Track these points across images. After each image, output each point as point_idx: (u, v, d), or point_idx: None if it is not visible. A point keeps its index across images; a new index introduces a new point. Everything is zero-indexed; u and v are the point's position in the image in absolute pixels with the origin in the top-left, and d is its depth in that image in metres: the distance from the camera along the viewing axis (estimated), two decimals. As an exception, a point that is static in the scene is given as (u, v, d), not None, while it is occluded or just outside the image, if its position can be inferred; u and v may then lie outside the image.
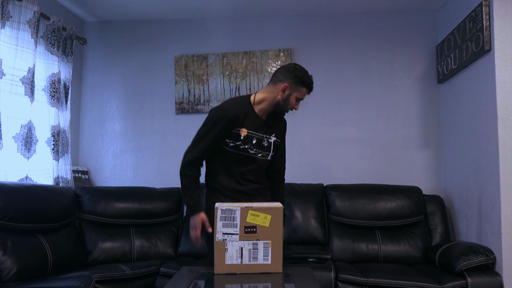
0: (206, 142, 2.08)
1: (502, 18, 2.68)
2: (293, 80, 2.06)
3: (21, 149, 2.87)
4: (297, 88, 2.08)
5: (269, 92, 2.11)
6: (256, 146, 2.12)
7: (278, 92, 2.08)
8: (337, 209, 3.22)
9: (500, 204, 2.60)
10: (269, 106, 2.12)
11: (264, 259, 1.83)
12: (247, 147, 2.09)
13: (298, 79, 2.06)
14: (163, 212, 3.27)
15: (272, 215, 1.84)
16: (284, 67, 2.11)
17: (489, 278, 2.54)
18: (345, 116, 3.66)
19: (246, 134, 2.08)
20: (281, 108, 2.12)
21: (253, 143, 2.11)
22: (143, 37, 3.87)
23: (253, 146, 2.11)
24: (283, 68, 2.12)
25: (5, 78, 2.72)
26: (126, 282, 2.65)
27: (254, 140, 2.10)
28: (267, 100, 2.11)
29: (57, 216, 2.80)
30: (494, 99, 2.68)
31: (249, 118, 2.09)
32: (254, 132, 2.10)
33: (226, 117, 2.04)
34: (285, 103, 2.10)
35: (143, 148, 3.80)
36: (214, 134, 2.05)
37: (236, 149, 2.09)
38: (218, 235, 1.82)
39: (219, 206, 1.84)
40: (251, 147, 2.11)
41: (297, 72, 2.06)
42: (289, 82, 2.07)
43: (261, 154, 2.14)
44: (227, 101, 2.18)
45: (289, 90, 2.07)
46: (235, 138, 2.07)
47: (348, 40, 3.72)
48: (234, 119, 2.05)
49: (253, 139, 2.10)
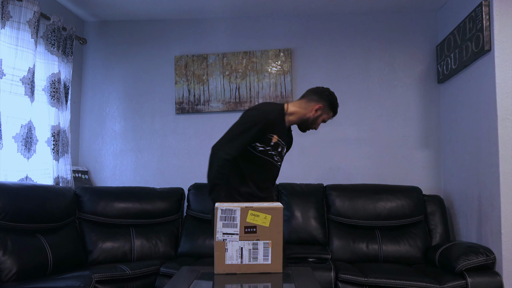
0: (242, 140, 2.08)
1: (502, 18, 2.68)
2: (327, 103, 2.21)
3: (21, 149, 2.87)
4: (327, 112, 2.24)
5: (302, 108, 2.21)
6: (279, 154, 2.19)
7: (311, 110, 2.20)
8: (337, 209, 3.22)
9: (500, 204, 2.60)
10: (297, 120, 2.22)
11: (264, 259, 1.83)
12: (274, 153, 2.15)
13: (331, 104, 2.22)
14: (163, 212, 3.27)
15: (272, 215, 1.84)
16: (319, 89, 2.25)
17: (489, 278, 2.54)
18: (345, 116, 3.66)
19: (276, 141, 2.14)
20: (307, 125, 2.25)
21: (278, 150, 2.17)
22: (143, 37, 3.87)
23: (277, 153, 2.17)
24: (318, 89, 2.25)
25: (5, 78, 2.72)
26: (126, 282, 2.65)
27: (279, 148, 2.17)
28: (297, 114, 2.21)
29: (57, 216, 2.80)
30: (494, 99, 2.68)
31: (280, 126, 2.16)
32: (281, 140, 2.17)
33: (267, 120, 2.08)
34: (313, 122, 2.23)
35: (143, 148, 3.80)
36: (251, 134, 2.06)
37: (264, 154, 2.12)
38: (218, 235, 1.82)
39: (219, 206, 1.84)
40: (276, 155, 2.17)
41: (331, 97, 2.23)
42: (323, 104, 2.21)
43: (280, 163, 2.23)
44: (266, 104, 2.23)
45: (321, 111, 2.21)
46: (266, 143, 2.11)
47: (348, 40, 3.72)
48: (272, 124, 2.10)
49: (279, 147, 2.16)
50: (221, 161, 2.05)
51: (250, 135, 2.06)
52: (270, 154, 2.13)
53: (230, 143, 2.07)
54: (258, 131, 2.07)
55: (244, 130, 2.07)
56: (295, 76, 3.72)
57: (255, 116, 2.09)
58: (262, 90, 3.69)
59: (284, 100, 3.66)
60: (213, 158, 2.08)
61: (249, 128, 2.06)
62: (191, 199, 3.36)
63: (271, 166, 2.18)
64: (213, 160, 2.07)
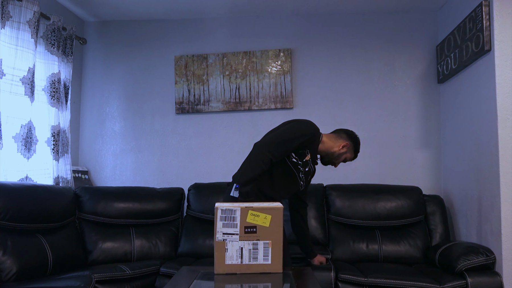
0: (288, 147, 2.16)
1: (502, 18, 2.68)
2: (353, 144, 2.38)
3: (21, 149, 2.87)
4: (351, 152, 2.39)
5: (331, 141, 2.36)
6: (305, 173, 2.29)
7: (339, 146, 2.34)
8: (337, 209, 3.22)
9: (500, 204, 2.60)
10: (324, 150, 2.33)
11: (264, 259, 1.83)
12: (301, 170, 2.24)
13: (356, 146, 2.39)
14: (163, 212, 3.27)
15: (272, 215, 1.84)
16: (348, 130, 2.43)
17: (489, 278, 2.54)
18: (345, 116, 3.66)
19: (308, 159, 2.24)
20: (330, 158, 2.36)
21: (306, 170, 2.27)
22: (143, 37, 3.87)
23: (304, 172, 2.26)
24: (348, 130, 2.43)
25: (5, 78, 2.72)
26: (126, 282, 2.65)
27: (307, 168, 2.26)
28: (326, 145, 2.34)
29: (57, 216, 2.80)
30: (494, 99, 2.68)
31: (315, 147, 2.29)
32: (311, 162, 2.28)
33: (313, 136, 2.22)
34: (337, 157, 2.36)
35: (143, 148, 3.80)
36: (296, 144, 2.17)
37: (293, 166, 2.22)
38: (218, 235, 1.82)
39: (219, 206, 1.84)
40: (303, 172, 2.26)
41: (357, 140, 2.40)
42: (350, 144, 2.37)
43: (303, 182, 2.31)
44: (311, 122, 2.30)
45: (346, 149, 2.36)
46: (300, 157, 2.22)
47: (348, 40, 3.72)
48: (313, 142, 2.24)
49: (307, 166, 2.26)
50: (267, 159, 2.10)
51: (296, 145, 2.17)
52: (298, 169, 2.23)
53: (278, 146, 2.14)
54: (304, 142, 2.19)
55: (292, 138, 2.16)
56: (295, 76, 3.72)
57: (305, 128, 2.21)
58: (262, 90, 3.69)
59: (284, 100, 3.66)
60: (257, 155, 2.12)
61: (298, 137, 2.17)
62: (191, 199, 3.36)
63: (295, 181, 2.28)
64: (258, 157, 2.11)
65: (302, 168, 2.24)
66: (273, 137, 2.19)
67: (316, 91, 3.70)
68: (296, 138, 2.16)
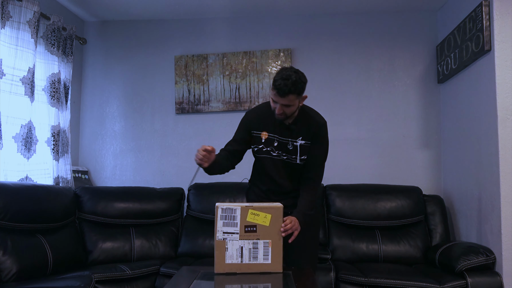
0: (235, 137, 2.24)
1: (502, 18, 2.68)
2: (272, 85, 2.03)
3: (21, 149, 2.86)
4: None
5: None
6: (278, 148, 2.15)
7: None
8: (337, 209, 3.22)
9: (500, 204, 2.60)
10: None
11: (264, 259, 1.83)
12: (269, 149, 2.16)
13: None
14: (163, 212, 3.27)
15: (272, 215, 1.85)
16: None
17: (489, 278, 2.54)
18: (345, 116, 3.66)
19: (267, 137, 2.16)
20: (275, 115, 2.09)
21: (275, 145, 2.15)
22: (143, 37, 3.87)
23: (275, 148, 2.15)
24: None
25: (5, 78, 2.72)
26: (126, 282, 2.65)
27: (275, 143, 2.15)
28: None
29: (57, 216, 2.80)
30: (494, 99, 2.68)
31: (270, 122, 2.14)
32: (276, 135, 2.14)
33: (246, 120, 2.22)
34: (273, 110, 2.07)
35: (143, 148, 3.80)
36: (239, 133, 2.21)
37: (259, 153, 2.18)
38: (218, 234, 1.83)
39: (219, 205, 1.84)
40: (273, 150, 2.16)
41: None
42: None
43: (286, 157, 2.15)
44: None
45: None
46: (257, 142, 2.17)
47: (348, 40, 3.71)
48: (251, 122, 2.19)
49: (275, 141, 2.15)
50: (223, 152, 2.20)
51: (239, 135, 2.22)
52: (265, 150, 2.16)
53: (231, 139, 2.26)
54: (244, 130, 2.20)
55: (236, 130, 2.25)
56: (295, 76, 3.71)
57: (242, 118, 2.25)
58: (262, 90, 3.69)
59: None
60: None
61: (238, 128, 2.25)
62: (191, 199, 3.36)
63: (272, 162, 2.16)
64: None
65: (269, 147, 2.14)
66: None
67: (316, 91, 3.69)
68: (238, 128, 2.25)
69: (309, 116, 2.16)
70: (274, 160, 2.16)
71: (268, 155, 2.16)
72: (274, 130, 2.14)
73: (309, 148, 2.15)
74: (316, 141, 2.17)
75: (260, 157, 2.18)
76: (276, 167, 2.17)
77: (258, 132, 2.16)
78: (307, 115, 2.16)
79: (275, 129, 2.14)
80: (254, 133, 2.17)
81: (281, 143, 2.14)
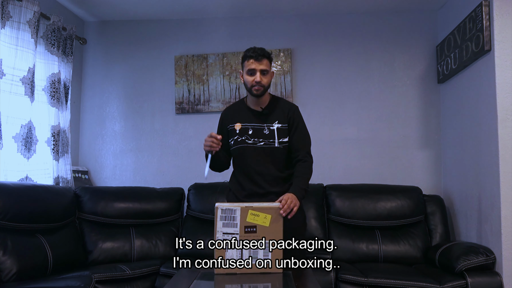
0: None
1: (502, 18, 2.68)
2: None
3: (21, 149, 2.87)
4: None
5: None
6: (254, 135, 2.21)
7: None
8: (337, 209, 3.22)
9: (500, 204, 2.60)
10: (250, 96, 2.26)
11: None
12: (244, 138, 2.22)
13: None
14: (163, 212, 3.27)
15: (272, 215, 1.85)
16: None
17: (489, 278, 2.54)
18: (345, 116, 3.66)
19: (241, 127, 2.24)
20: (249, 91, 2.22)
21: (250, 133, 2.22)
22: (143, 37, 3.87)
23: (250, 136, 2.22)
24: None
25: (5, 78, 2.72)
26: (126, 282, 2.65)
27: (250, 131, 2.22)
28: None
29: (57, 216, 2.80)
30: (494, 99, 2.67)
31: (243, 113, 2.27)
32: (249, 123, 2.23)
33: (220, 119, 2.36)
34: (246, 85, 2.22)
35: (143, 148, 3.80)
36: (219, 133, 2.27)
37: (235, 144, 2.24)
38: (218, 234, 1.83)
39: (219, 206, 1.84)
40: (248, 138, 2.22)
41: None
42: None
43: (263, 142, 2.20)
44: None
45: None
46: (233, 135, 2.24)
47: (348, 40, 3.71)
48: (223, 119, 2.33)
49: (249, 130, 2.22)
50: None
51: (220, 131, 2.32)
52: (240, 140, 2.22)
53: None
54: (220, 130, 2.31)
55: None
56: (295, 76, 3.72)
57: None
58: (262, 90, 3.69)
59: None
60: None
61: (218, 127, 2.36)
62: (191, 199, 3.36)
63: (249, 150, 2.21)
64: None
65: (244, 136, 2.21)
66: None
67: (316, 91, 3.69)
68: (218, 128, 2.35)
69: (281, 101, 2.32)
70: (250, 147, 2.21)
71: (244, 144, 2.22)
72: (247, 119, 2.25)
73: (288, 131, 2.23)
74: (294, 124, 2.26)
75: (237, 148, 2.23)
76: (254, 155, 2.20)
77: (232, 125, 2.26)
78: (279, 100, 2.32)
79: (248, 118, 2.25)
80: (229, 128, 2.27)
81: (256, 130, 2.22)
